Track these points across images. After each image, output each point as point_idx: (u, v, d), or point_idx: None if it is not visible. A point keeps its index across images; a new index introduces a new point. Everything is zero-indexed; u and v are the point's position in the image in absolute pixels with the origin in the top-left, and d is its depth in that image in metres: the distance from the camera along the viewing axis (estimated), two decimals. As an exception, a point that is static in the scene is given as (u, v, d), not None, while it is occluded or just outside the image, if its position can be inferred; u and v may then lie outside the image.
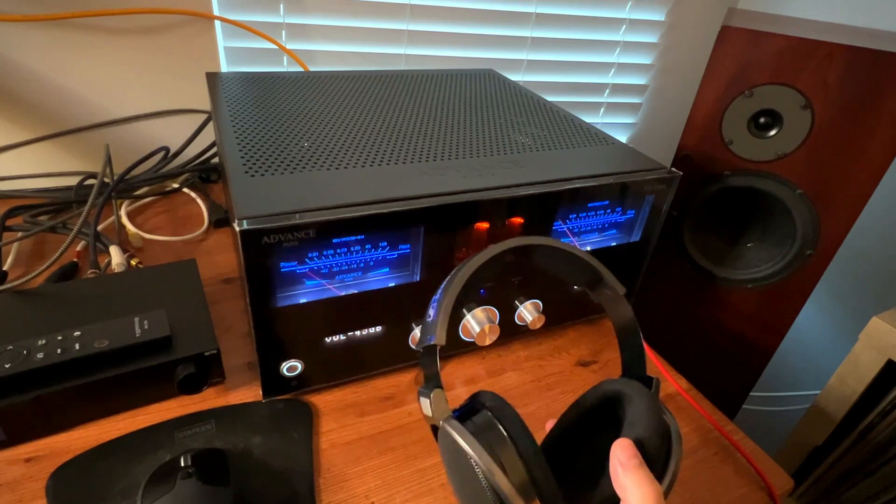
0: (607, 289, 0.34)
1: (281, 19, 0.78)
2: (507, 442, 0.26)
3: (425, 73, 0.74)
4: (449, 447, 0.27)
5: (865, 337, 0.69)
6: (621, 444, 0.27)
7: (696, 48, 1.06)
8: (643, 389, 0.30)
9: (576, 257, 0.34)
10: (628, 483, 0.26)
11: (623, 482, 0.26)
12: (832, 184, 0.80)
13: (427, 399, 0.28)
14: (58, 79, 0.70)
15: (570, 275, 0.35)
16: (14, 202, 0.65)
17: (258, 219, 0.36)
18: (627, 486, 0.26)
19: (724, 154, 0.86)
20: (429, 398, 0.28)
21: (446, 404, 0.28)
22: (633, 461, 0.26)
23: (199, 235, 0.66)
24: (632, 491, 0.26)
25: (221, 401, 0.45)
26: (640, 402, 0.29)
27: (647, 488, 0.25)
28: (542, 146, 0.54)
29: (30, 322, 0.44)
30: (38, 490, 0.37)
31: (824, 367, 0.78)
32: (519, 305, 0.51)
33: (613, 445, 0.27)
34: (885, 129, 0.74)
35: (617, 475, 0.26)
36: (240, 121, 0.52)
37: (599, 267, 0.34)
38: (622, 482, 0.26)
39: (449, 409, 0.28)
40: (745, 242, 0.93)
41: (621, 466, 0.26)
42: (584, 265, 0.34)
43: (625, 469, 0.26)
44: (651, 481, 0.26)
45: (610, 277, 0.34)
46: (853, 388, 0.71)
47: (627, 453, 0.27)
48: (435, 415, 0.28)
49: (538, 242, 0.33)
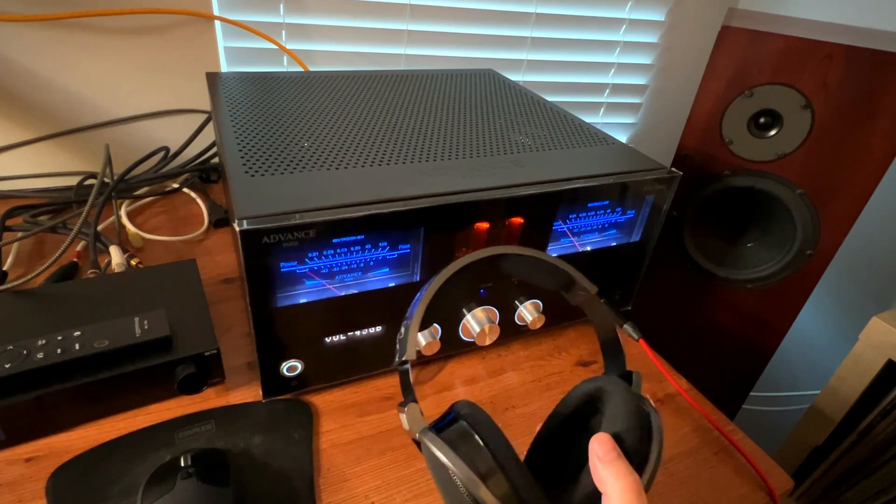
0: (580, 290, 0.35)
1: (281, 19, 0.78)
2: (483, 451, 0.26)
3: (425, 73, 0.74)
4: (430, 459, 0.27)
5: (865, 337, 0.69)
6: (599, 439, 0.28)
7: (696, 48, 1.06)
8: (620, 383, 0.31)
9: (543, 262, 0.34)
10: (607, 476, 0.26)
11: (602, 476, 0.26)
12: (832, 184, 0.80)
13: (403, 414, 0.29)
14: (58, 79, 0.70)
15: (542, 280, 0.36)
16: (14, 202, 0.65)
17: (258, 219, 0.36)
18: (606, 480, 0.26)
19: (724, 154, 0.86)
20: (404, 412, 0.29)
21: (422, 418, 0.29)
22: (611, 454, 0.27)
23: (199, 235, 0.66)
24: (610, 483, 0.26)
25: (221, 401, 0.45)
26: (617, 396, 0.30)
27: (625, 479, 0.26)
28: (542, 146, 0.54)
29: (30, 322, 0.44)
30: (38, 490, 0.37)
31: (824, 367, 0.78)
32: (519, 305, 0.51)
33: (591, 441, 0.28)
34: (885, 129, 0.74)
35: (596, 470, 0.27)
36: (240, 121, 0.52)
37: (569, 269, 0.35)
38: (601, 476, 0.26)
39: (425, 422, 0.28)
40: (745, 242, 0.93)
41: (599, 461, 0.27)
42: (553, 269, 0.35)
43: (603, 463, 0.27)
44: (629, 472, 0.26)
45: (580, 278, 0.35)
46: (853, 388, 0.71)
47: (605, 447, 0.27)
48: (412, 428, 0.28)
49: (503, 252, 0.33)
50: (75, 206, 0.66)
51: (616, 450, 0.27)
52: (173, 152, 0.75)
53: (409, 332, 0.31)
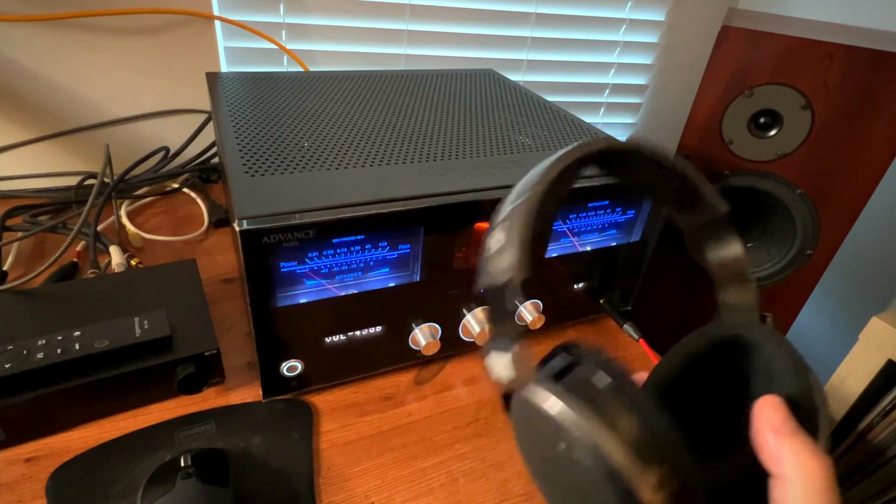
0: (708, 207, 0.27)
1: (281, 19, 0.78)
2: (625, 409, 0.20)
3: (425, 73, 0.74)
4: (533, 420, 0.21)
5: (865, 337, 0.69)
6: (771, 403, 0.22)
7: (696, 48, 1.06)
8: (775, 333, 0.24)
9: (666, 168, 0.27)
10: (786, 454, 0.20)
11: (777, 453, 0.21)
12: (832, 184, 0.80)
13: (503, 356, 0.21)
14: (58, 79, 0.70)
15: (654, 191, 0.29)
16: (14, 202, 0.65)
17: (258, 219, 0.36)
18: (785, 459, 0.20)
19: (724, 154, 0.86)
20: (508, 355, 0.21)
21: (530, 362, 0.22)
22: (789, 425, 0.21)
23: (199, 235, 0.66)
24: (792, 465, 0.20)
25: (221, 401, 0.45)
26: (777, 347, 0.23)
27: (814, 462, 0.20)
28: (542, 146, 0.54)
29: (30, 322, 0.44)
30: (38, 490, 0.37)
31: (824, 368, 0.78)
32: (519, 305, 0.51)
33: (759, 404, 0.22)
34: (884, 129, 0.74)
35: (767, 444, 0.21)
36: (240, 121, 0.52)
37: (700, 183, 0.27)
38: (775, 453, 0.21)
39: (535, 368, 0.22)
40: (746, 242, 0.93)
41: (774, 432, 0.21)
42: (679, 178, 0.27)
43: (779, 436, 0.21)
44: (818, 453, 0.20)
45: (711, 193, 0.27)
46: (853, 388, 0.71)
47: (781, 415, 0.21)
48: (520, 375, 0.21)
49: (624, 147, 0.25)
50: (75, 206, 0.66)
51: (793, 420, 0.21)
52: (173, 152, 0.75)
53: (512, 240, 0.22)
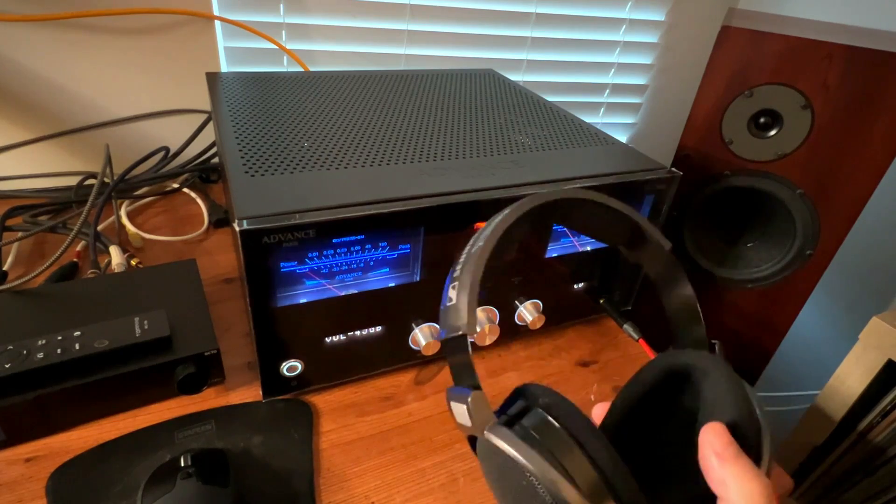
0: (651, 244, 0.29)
1: (281, 19, 0.78)
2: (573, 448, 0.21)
3: (425, 73, 0.74)
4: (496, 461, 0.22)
5: (865, 337, 0.69)
6: (714, 430, 0.23)
7: (696, 48, 1.06)
8: (718, 361, 0.25)
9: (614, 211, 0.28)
10: (728, 477, 0.22)
11: (720, 476, 0.22)
12: (832, 184, 0.80)
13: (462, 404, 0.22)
14: (58, 79, 0.70)
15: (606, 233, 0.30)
16: (14, 202, 0.65)
17: (258, 219, 0.36)
18: (728, 482, 0.22)
19: (724, 154, 0.86)
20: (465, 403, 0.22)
21: (489, 409, 0.23)
22: (731, 450, 0.22)
23: (199, 235, 0.66)
24: (734, 487, 0.21)
25: (221, 401, 0.45)
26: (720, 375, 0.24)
27: (753, 483, 0.21)
28: (542, 146, 0.54)
29: (30, 322, 0.44)
30: (38, 490, 0.37)
31: (824, 367, 0.78)
32: (519, 305, 0.51)
33: (703, 431, 0.23)
34: (884, 130, 0.74)
35: (712, 468, 0.22)
36: (240, 121, 0.52)
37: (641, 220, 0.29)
38: (719, 476, 0.22)
39: (493, 415, 0.23)
40: (746, 242, 0.93)
41: (717, 457, 0.22)
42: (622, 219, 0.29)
43: (722, 460, 0.22)
44: (757, 475, 0.21)
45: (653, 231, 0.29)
46: (853, 388, 0.71)
47: (723, 440, 0.22)
48: (476, 423, 0.22)
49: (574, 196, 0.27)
50: (75, 206, 0.66)
51: (735, 445, 0.22)
52: (173, 152, 0.75)
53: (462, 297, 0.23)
